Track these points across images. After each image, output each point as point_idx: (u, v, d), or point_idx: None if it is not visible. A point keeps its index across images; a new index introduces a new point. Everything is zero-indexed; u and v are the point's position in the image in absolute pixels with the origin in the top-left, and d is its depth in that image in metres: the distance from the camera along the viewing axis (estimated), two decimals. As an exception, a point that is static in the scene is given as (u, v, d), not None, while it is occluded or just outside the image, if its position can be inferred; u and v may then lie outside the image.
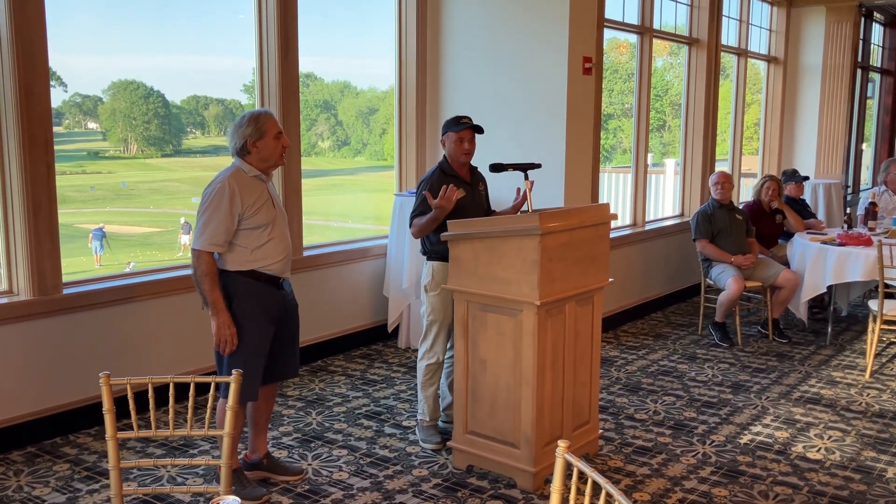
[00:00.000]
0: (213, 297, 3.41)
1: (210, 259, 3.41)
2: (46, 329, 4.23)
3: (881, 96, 11.69)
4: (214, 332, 3.44)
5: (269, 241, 3.51)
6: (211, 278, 3.40)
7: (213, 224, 3.39)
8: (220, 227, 3.39)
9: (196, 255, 3.40)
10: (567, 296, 3.74)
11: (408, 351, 6.00)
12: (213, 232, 3.39)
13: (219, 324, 3.43)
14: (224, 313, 3.42)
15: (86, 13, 5.46)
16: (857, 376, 5.57)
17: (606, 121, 6.22)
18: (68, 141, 9.57)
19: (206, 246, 3.39)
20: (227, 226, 3.40)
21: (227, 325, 3.43)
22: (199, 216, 3.43)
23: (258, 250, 3.48)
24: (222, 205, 3.39)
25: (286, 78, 5.28)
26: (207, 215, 3.39)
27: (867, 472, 4.00)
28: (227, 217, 3.39)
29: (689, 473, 3.97)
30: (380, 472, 3.94)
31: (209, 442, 4.28)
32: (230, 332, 3.43)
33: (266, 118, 3.50)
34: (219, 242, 3.40)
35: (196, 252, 3.40)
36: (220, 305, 3.42)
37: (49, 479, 3.83)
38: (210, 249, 3.40)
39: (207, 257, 3.40)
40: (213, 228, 3.39)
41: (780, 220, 7.01)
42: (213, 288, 3.41)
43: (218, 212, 3.39)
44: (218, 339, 3.45)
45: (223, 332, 3.43)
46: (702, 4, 7.89)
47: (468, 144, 4.19)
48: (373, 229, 6.91)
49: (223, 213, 3.38)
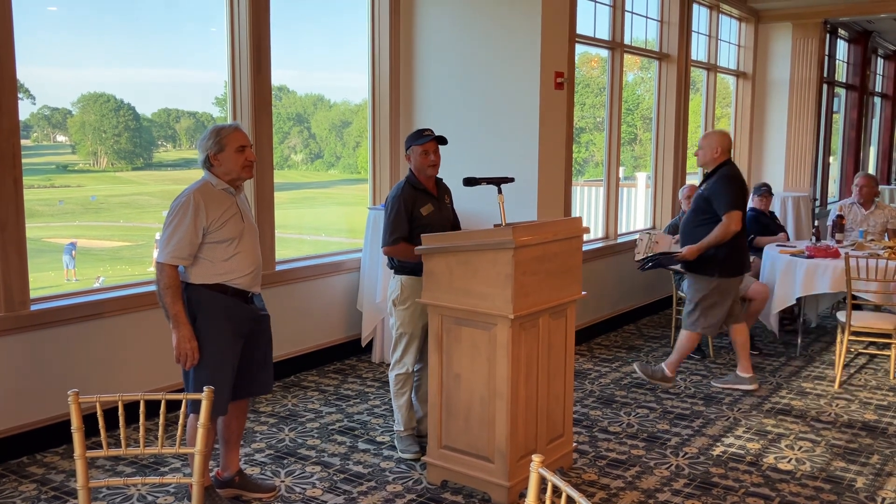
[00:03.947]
0: (175, 310, 3.37)
1: (173, 272, 3.37)
2: (13, 346, 4.16)
3: (847, 111, 11.90)
4: (175, 346, 3.40)
5: (236, 255, 3.48)
6: (173, 291, 3.36)
7: (177, 237, 3.36)
8: (183, 240, 3.36)
9: (159, 268, 3.37)
10: (541, 309, 3.75)
11: (382, 365, 5.97)
12: (177, 245, 3.36)
13: (179, 337, 3.38)
14: (185, 327, 3.38)
15: (55, 25, 5.41)
16: (827, 387, 5.63)
17: (578, 134, 6.28)
18: (36, 154, 9.43)
19: (169, 259, 3.36)
20: (190, 239, 3.37)
21: (187, 339, 3.39)
22: (165, 228, 3.41)
23: (224, 264, 3.45)
24: (186, 218, 3.36)
25: (259, 91, 5.26)
26: (172, 228, 3.37)
27: (837, 482, 4.04)
28: (190, 230, 3.36)
29: (662, 486, 3.99)
30: (353, 489, 3.91)
31: (180, 460, 4.22)
32: (191, 346, 3.39)
33: (228, 131, 3.48)
34: (182, 256, 3.37)
35: (160, 265, 3.37)
36: (182, 319, 3.38)
37: (15, 499, 3.75)
38: (174, 262, 3.37)
39: (171, 270, 3.37)
40: (176, 241, 3.36)
41: None
42: (174, 301, 3.37)
43: (181, 226, 3.36)
44: (178, 352, 3.41)
45: (183, 346, 3.39)
46: (671, 20, 7.99)
47: (434, 156, 4.20)
48: (346, 243, 6.89)
49: (187, 226, 3.36)
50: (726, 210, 5.09)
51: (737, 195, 5.16)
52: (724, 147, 5.26)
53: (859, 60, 11.66)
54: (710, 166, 5.30)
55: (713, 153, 5.26)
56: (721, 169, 5.25)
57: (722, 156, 5.26)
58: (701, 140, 5.39)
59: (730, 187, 5.16)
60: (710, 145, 5.27)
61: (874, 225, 7.15)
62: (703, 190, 5.30)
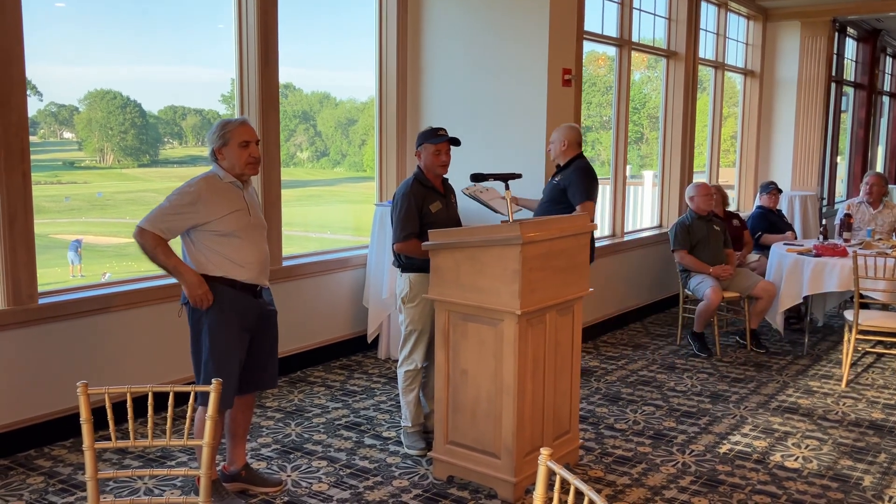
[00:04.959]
0: (172, 262, 3.40)
1: (154, 236, 3.37)
2: (21, 339, 4.17)
3: (855, 110, 11.86)
4: (188, 295, 3.42)
5: (239, 248, 3.49)
6: (162, 248, 3.39)
7: (167, 213, 3.39)
8: (170, 219, 3.39)
9: (139, 232, 3.37)
10: (547, 305, 3.74)
11: (388, 361, 5.98)
12: (163, 219, 3.38)
13: (187, 285, 3.40)
14: (189, 273, 3.40)
15: (63, 22, 5.42)
16: (834, 386, 5.62)
17: (585, 133, 6.26)
18: (43, 151, 9.44)
19: (150, 227, 3.37)
20: (177, 223, 3.40)
21: (195, 284, 3.40)
22: (163, 201, 3.44)
23: (227, 256, 3.46)
24: (180, 203, 3.41)
25: (266, 88, 5.26)
26: (167, 204, 3.41)
27: (844, 481, 4.03)
28: (179, 215, 3.40)
29: (668, 483, 3.98)
30: (360, 484, 3.92)
31: (186, 453, 4.23)
32: (202, 290, 3.40)
33: (234, 126, 3.48)
34: (162, 229, 3.39)
35: (140, 229, 3.37)
36: (183, 267, 3.42)
37: (23, 492, 3.76)
38: (154, 231, 3.37)
39: (151, 234, 3.37)
40: (163, 215, 3.39)
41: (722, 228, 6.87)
42: (168, 255, 3.40)
43: (174, 206, 3.40)
44: (192, 300, 3.42)
45: (195, 292, 3.40)
46: (679, 18, 7.97)
47: (445, 157, 4.20)
48: (352, 240, 6.90)
49: (178, 210, 3.40)
50: (581, 200, 5.15)
51: (591, 187, 5.24)
52: (570, 140, 5.32)
53: (868, 59, 11.62)
54: (562, 159, 5.36)
55: (561, 146, 5.34)
56: (575, 161, 5.30)
57: (570, 149, 5.33)
58: (552, 134, 5.43)
59: (585, 179, 5.22)
60: (559, 139, 5.35)
61: (882, 224, 7.13)
62: (557, 181, 5.34)
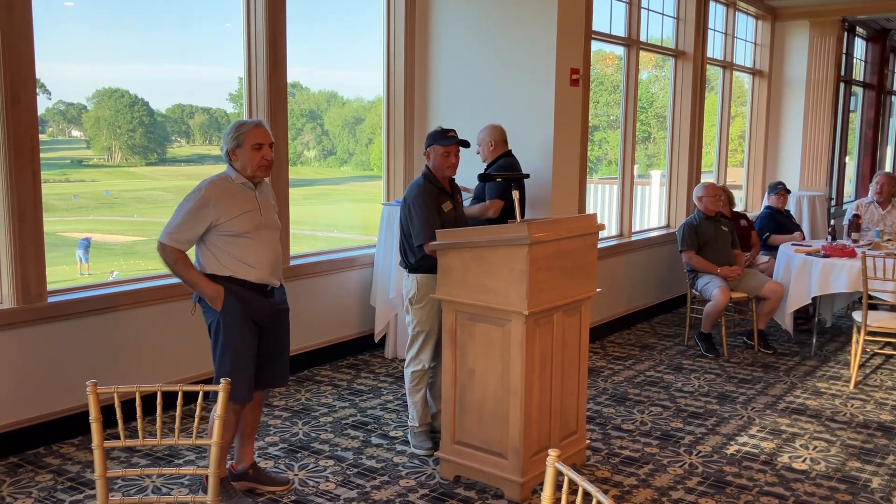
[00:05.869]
0: (192, 277, 3.46)
1: (174, 250, 3.44)
2: (30, 337, 4.19)
3: (864, 110, 11.81)
4: (210, 303, 3.47)
5: (250, 249, 3.50)
6: (182, 262, 3.45)
7: (182, 224, 3.43)
8: (186, 229, 3.44)
9: (161, 247, 3.45)
10: (555, 305, 3.74)
11: (395, 361, 5.98)
12: (178, 229, 3.44)
13: (207, 298, 3.46)
14: (207, 286, 3.45)
15: (72, 21, 5.44)
16: (842, 387, 5.60)
17: (592, 132, 6.26)
18: (52, 149, 9.48)
19: (167, 240, 3.43)
20: (194, 230, 3.45)
21: (214, 298, 3.44)
22: (176, 212, 3.48)
23: (237, 257, 3.49)
24: (192, 210, 3.44)
25: (274, 87, 5.27)
26: (181, 216, 3.44)
27: (852, 483, 4.02)
28: (194, 222, 3.44)
29: (676, 484, 3.98)
30: (367, 483, 3.92)
31: (194, 452, 4.24)
32: (220, 301, 3.46)
33: (248, 128, 3.50)
34: (181, 240, 3.44)
35: (161, 244, 3.45)
36: (202, 281, 3.46)
37: (32, 489, 3.78)
38: (174, 245, 3.44)
39: (171, 249, 3.44)
40: (177, 225, 3.43)
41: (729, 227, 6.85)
42: (188, 269, 3.45)
43: (188, 215, 3.44)
44: (214, 306, 3.47)
45: (214, 305, 3.46)
46: (688, 17, 7.95)
47: (454, 158, 4.22)
48: (359, 239, 6.90)
49: (191, 217, 3.43)
50: (491, 196, 5.14)
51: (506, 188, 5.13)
52: (496, 139, 5.32)
53: (877, 59, 11.57)
54: (491, 158, 5.34)
55: (489, 147, 5.33)
56: (501, 159, 5.28)
57: (498, 147, 5.32)
58: (478, 136, 5.40)
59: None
60: (485, 140, 5.34)
61: (891, 224, 7.10)
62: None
